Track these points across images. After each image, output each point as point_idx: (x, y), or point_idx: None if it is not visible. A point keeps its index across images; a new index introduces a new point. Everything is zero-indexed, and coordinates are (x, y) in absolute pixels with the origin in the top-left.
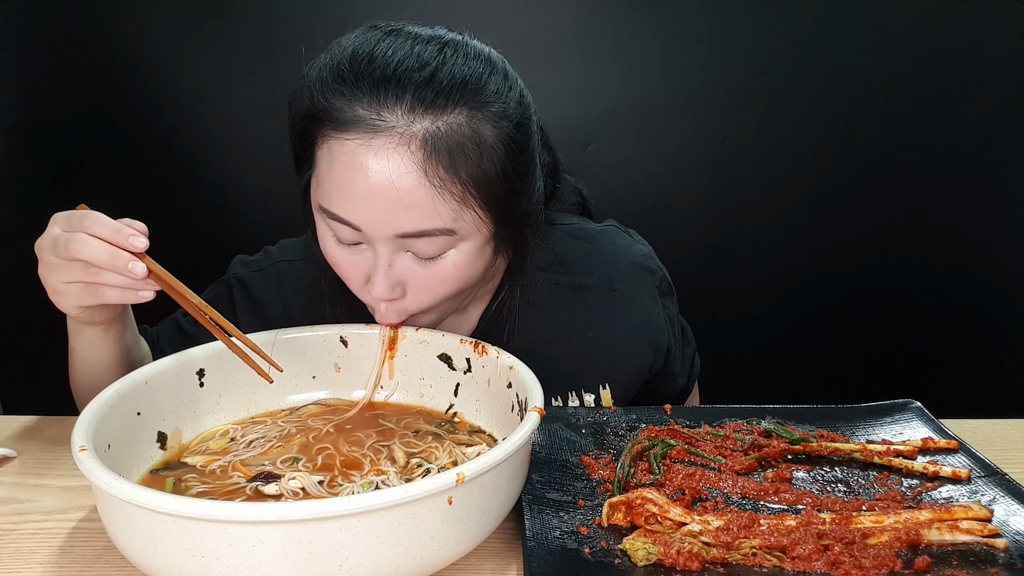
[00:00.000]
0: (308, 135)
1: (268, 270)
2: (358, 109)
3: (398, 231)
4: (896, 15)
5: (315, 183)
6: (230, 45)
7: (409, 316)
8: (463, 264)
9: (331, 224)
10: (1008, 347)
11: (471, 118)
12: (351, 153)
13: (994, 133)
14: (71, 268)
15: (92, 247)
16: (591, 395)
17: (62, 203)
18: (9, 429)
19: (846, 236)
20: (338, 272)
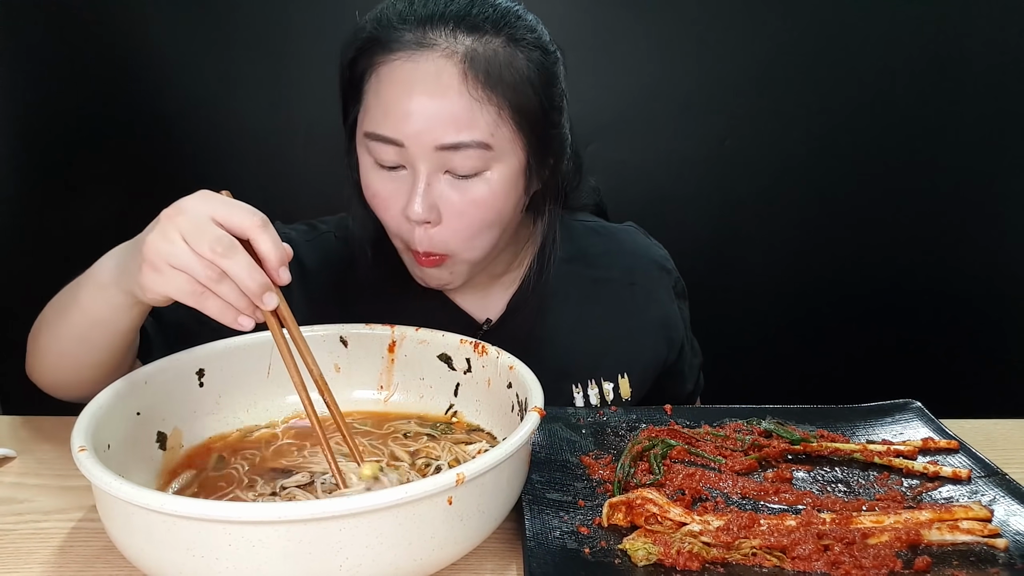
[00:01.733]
0: (357, 71)
1: (315, 241)
2: (405, 34)
3: (438, 142)
4: (896, 15)
5: (362, 116)
6: (230, 45)
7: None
8: (497, 188)
9: (374, 148)
10: (1008, 347)
11: (506, 44)
12: (398, 70)
13: (994, 133)
14: (196, 262)
15: (239, 261)
16: (610, 383)
17: (62, 203)
18: (9, 429)
19: (846, 236)
20: (376, 205)
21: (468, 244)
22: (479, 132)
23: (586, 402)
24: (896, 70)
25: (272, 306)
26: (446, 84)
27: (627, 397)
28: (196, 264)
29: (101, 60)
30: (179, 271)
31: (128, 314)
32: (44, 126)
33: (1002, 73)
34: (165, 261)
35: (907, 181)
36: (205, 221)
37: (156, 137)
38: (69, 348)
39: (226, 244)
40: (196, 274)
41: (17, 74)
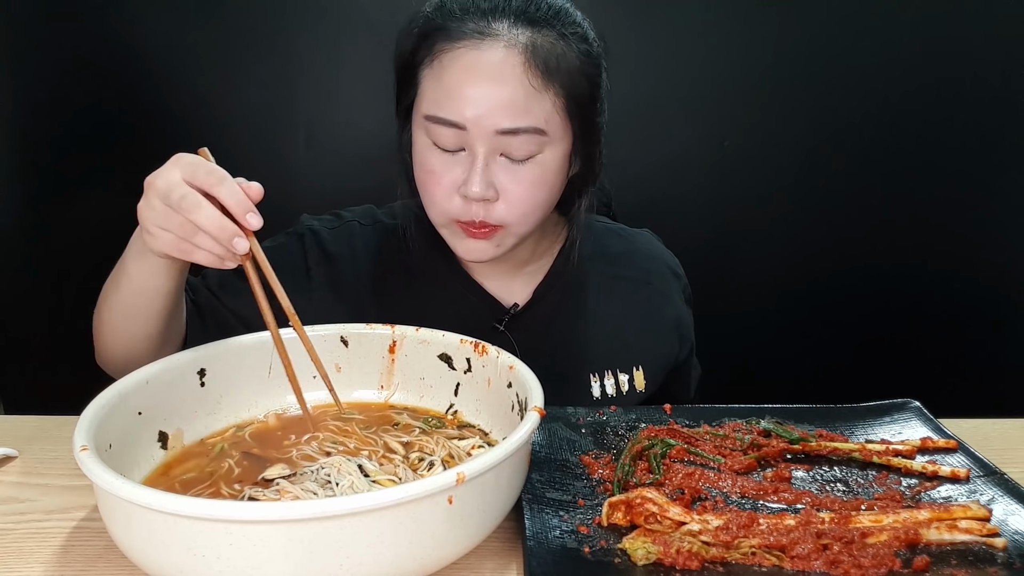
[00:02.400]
0: (416, 58)
1: (340, 229)
2: (468, 24)
3: (499, 127)
4: (896, 16)
5: (419, 101)
6: (231, 45)
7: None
8: (548, 170)
9: (433, 131)
10: (1007, 347)
11: (560, 38)
12: (462, 57)
13: (994, 134)
14: (173, 219)
15: (205, 213)
16: (625, 375)
17: (62, 203)
18: (10, 429)
19: (845, 236)
20: (429, 182)
21: (522, 219)
22: (536, 119)
23: (602, 392)
24: (896, 71)
25: (243, 250)
26: (508, 72)
27: (641, 389)
28: (174, 222)
29: (101, 60)
30: (164, 230)
31: (166, 275)
32: (44, 126)
33: (1002, 74)
34: (153, 223)
35: (907, 182)
36: (176, 183)
37: (156, 137)
38: (122, 322)
39: (192, 201)
40: (176, 231)
41: (17, 74)
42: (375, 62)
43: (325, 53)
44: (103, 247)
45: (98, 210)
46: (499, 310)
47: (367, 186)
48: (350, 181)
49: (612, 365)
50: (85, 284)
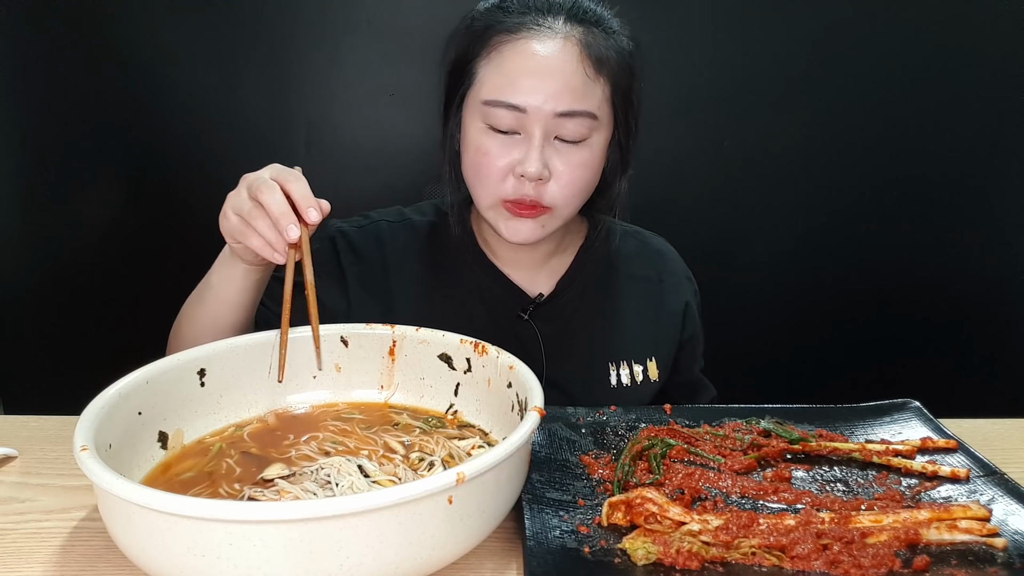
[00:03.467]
0: (471, 53)
1: (368, 227)
2: (526, 19)
3: (557, 109)
4: (896, 16)
5: (475, 90)
6: (231, 45)
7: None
8: (596, 154)
9: (492, 114)
10: (1007, 347)
11: (607, 38)
12: (523, 47)
13: (995, 134)
14: (245, 203)
15: (273, 197)
16: (640, 366)
17: (62, 203)
18: (10, 429)
19: (845, 236)
20: (484, 164)
21: (570, 200)
22: (589, 104)
23: (618, 380)
24: (896, 70)
25: (295, 236)
26: (566, 60)
27: (655, 378)
28: (246, 205)
29: (101, 60)
30: (236, 213)
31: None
32: (44, 126)
33: (1002, 74)
34: (230, 206)
35: (907, 181)
36: (262, 176)
37: (156, 137)
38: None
39: (267, 186)
40: (244, 213)
41: (18, 74)
42: (375, 62)
43: (325, 53)
44: (103, 247)
45: (98, 210)
46: (524, 300)
47: (367, 186)
48: (350, 181)
49: (628, 356)
50: (85, 284)
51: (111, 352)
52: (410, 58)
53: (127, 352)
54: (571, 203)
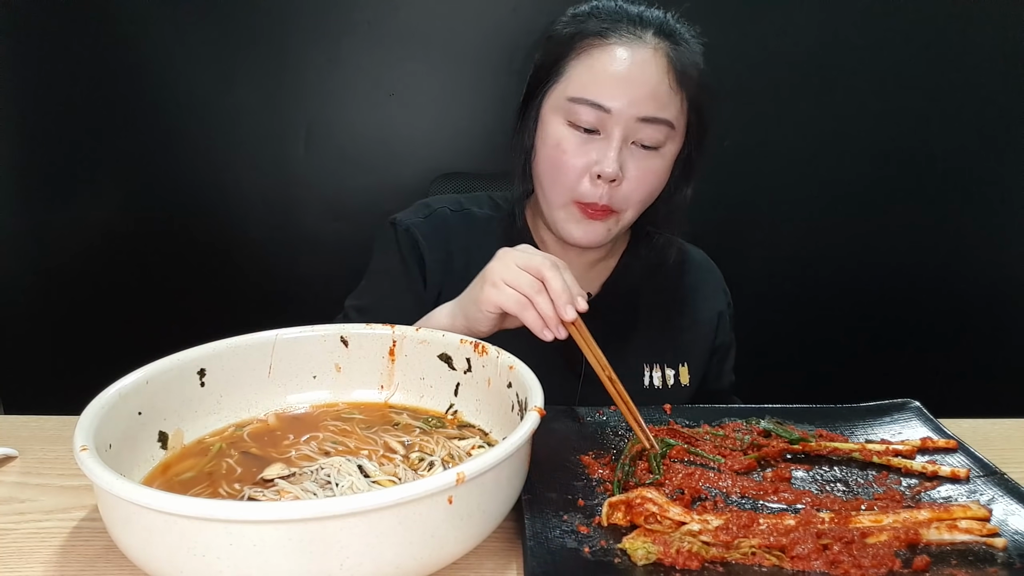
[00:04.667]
0: (562, 52)
1: (431, 217)
2: (619, 26)
3: (640, 114)
4: (896, 16)
5: (561, 86)
6: (230, 45)
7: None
8: (666, 162)
9: (575, 110)
10: (1007, 347)
11: (690, 56)
12: (615, 52)
13: (995, 134)
14: (524, 277)
15: (558, 276)
16: (672, 370)
17: (62, 204)
18: (10, 429)
19: (846, 236)
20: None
21: (638, 205)
22: (669, 113)
23: (650, 382)
24: (897, 70)
25: (571, 316)
26: (654, 69)
27: (686, 383)
28: (524, 280)
29: (101, 60)
30: (511, 287)
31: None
32: (44, 126)
33: (1002, 74)
34: (502, 279)
35: (907, 182)
36: (531, 255)
37: (156, 137)
38: None
39: (550, 265)
40: (523, 287)
41: (18, 74)
42: (375, 62)
43: (325, 53)
44: (103, 247)
45: (97, 210)
46: None
47: (367, 186)
48: (350, 181)
49: (662, 359)
50: (85, 284)
51: (111, 352)
52: (410, 58)
53: (127, 352)
54: (636, 207)
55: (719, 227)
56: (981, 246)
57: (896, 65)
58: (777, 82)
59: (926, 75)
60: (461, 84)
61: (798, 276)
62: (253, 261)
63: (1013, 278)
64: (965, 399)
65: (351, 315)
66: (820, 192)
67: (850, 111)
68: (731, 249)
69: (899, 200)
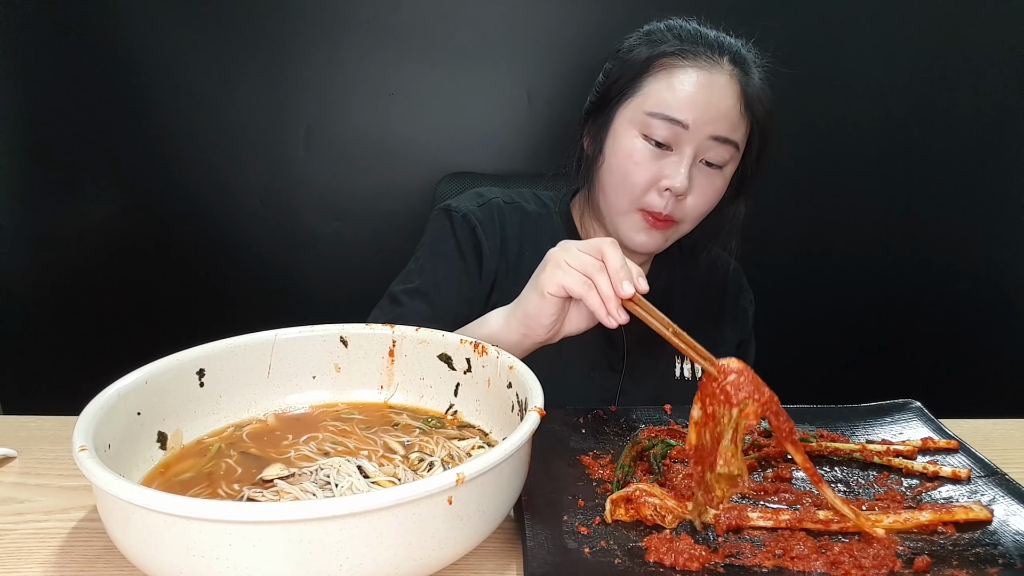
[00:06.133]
0: (642, 70)
1: (486, 206)
2: (699, 50)
3: (713, 133)
4: (896, 16)
5: (638, 101)
6: (230, 45)
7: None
8: (725, 181)
9: (651, 124)
10: (1008, 347)
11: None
12: (695, 73)
13: (996, 133)
14: (587, 259)
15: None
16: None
17: (62, 204)
18: (9, 429)
19: (846, 236)
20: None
21: (695, 218)
22: (737, 135)
23: (681, 373)
24: (897, 70)
25: (628, 292)
26: (729, 93)
27: None
28: (587, 260)
29: (101, 60)
30: (574, 268)
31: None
32: (44, 126)
33: (1002, 74)
34: (565, 262)
35: (908, 182)
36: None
37: (156, 137)
38: None
39: (608, 242)
40: (586, 267)
41: (18, 75)
42: (375, 62)
43: (325, 53)
44: (102, 247)
45: (97, 210)
46: None
47: (366, 186)
48: (350, 181)
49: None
50: (84, 284)
51: (110, 352)
52: (410, 58)
53: (126, 352)
54: (695, 221)
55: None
56: (982, 245)
57: (898, 64)
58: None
59: (928, 74)
60: (461, 84)
61: (798, 276)
62: (253, 261)
63: (1014, 278)
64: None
65: (402, 299)
66: (821, 191)
67: (850, 110)
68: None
69: (900, 199)
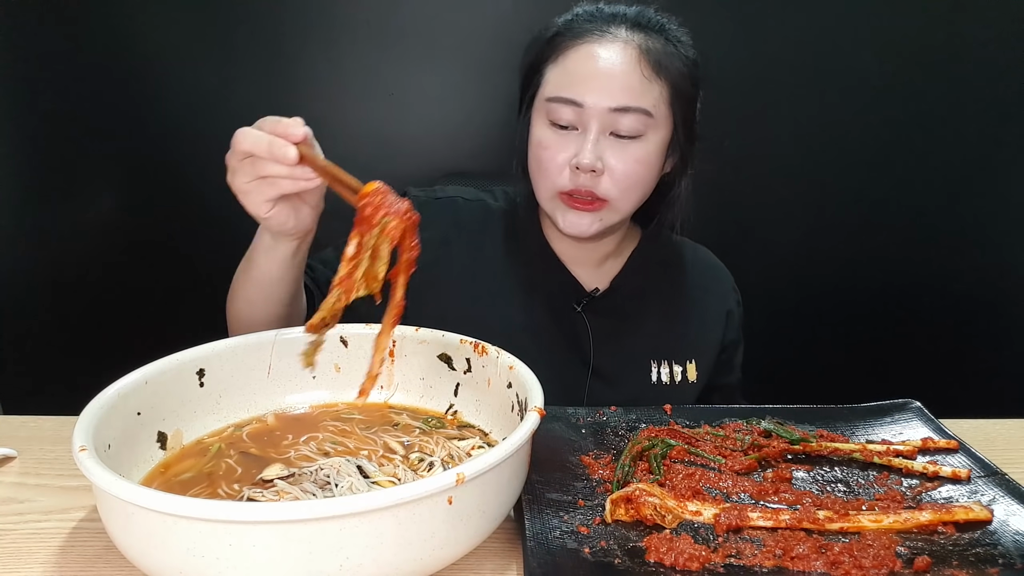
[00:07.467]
0: (542, 58)
1: (444, 200)
2: (592, 27)
3: (613, 104)
4: (897, 14)
5: (543, 90)
6: (230, 45)
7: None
8: (651, 150)
9: (554, 109)
10: (1008, 347)
11: (668, 44)
12: (585, 49)
13: (996, 133)
14: (243, 166)
15: (251, 137)
16: (679, 367)
17: (62, 204)
18: (9, 429)
19: (846, 236)
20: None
21: (625, 194)
22: (644, 102)
23: (659, 378)
24: (897, 70)
25: (293, 157)
26: (624, 61)
27: (693, 380)
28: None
29: (101, 60)
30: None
31: (285, 261)
32: (44, 126)
33: (1002, 74)
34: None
35: (907, 182)
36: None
37: (156, 137)
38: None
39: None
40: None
41: (18, 75)
42: (375, 62)
43: (325, 53)
44: (102, 247)
45: (97, 211)
46: (580, 293)
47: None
48: None
49: (671, 355)
50: (84, 284)
51: (110, 352)
52: (410, 58)
53: (126, 352)
54: (627, 197)
55: (719, 227)
56: (982, 245)
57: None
58: (778, 81)
59: (927, 74)
60: (461, 84)
61: (798, 275)
62: None
63: (1014, 278)
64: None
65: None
66: (821, 191)
67: (850, 110)
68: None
69: (900, 199)
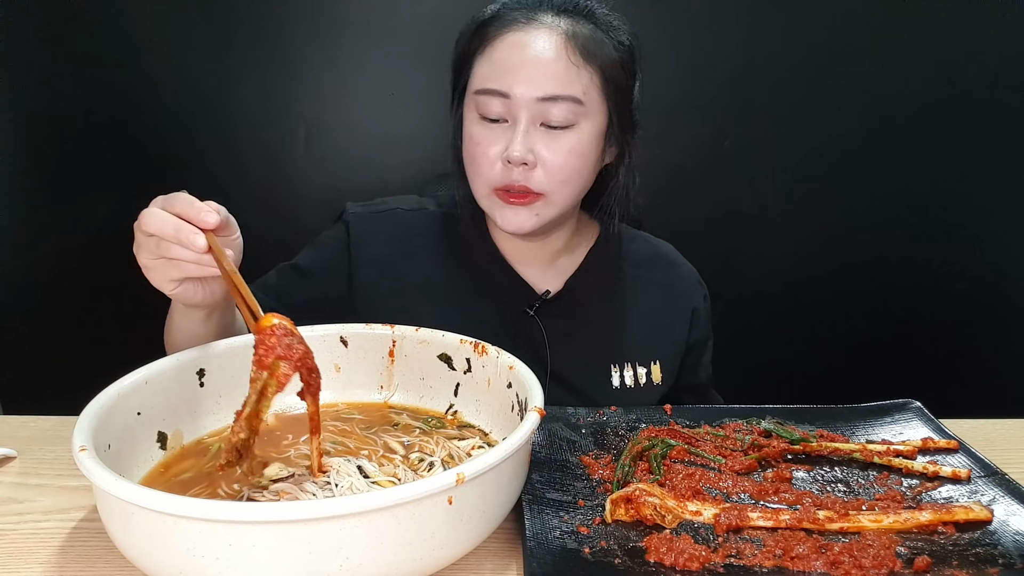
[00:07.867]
0: (470, 50)
1: (386, 213)
2: (517, 15)
3: (540, 94)
4: (897, 14)
5: (472, 82)
6: (230, 45)
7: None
8: (584, 139)
9: (482, 102)
10: (1008, 347)
11: (597, 29)
12: (510, 38)
13: (996, 133)
14: (148, 243)
15: (158, 219)
16: (643, 368)
17: (61, 203)
18: (9, 429)
19: (846, 236)
20: (476, 153)
21: (559, 187)
22: (573, 89)
23: (622, 382)
24: (896, 70)
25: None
26: (549, 48)
27: (658, 382)
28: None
29: (101, 61)
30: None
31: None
32: (44, 127)
33: (1002, 74)
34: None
35: (907, 181)
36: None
37: (156, 137)
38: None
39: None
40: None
41: (17, 75)
42: (375, 62)
43: (325, 53)
44: (102, 248)
45: (97, 211)
46: (532, 296)
47: (367, 186)
48: (350, 181)
49: (632, 358)
50: (84, 285)
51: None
52: (410, 58)
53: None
54: (563, 189)
55: (720, 226)
56: (982, 245)
57: (897, 65)
58: (778, 82)
59: (927, 75)
60: None
61: (798, 275)
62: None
63: (1014, 278)
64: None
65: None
66: (821, 191)
67: (851, 110)
68: (731, 248)
69: (900, 199)
